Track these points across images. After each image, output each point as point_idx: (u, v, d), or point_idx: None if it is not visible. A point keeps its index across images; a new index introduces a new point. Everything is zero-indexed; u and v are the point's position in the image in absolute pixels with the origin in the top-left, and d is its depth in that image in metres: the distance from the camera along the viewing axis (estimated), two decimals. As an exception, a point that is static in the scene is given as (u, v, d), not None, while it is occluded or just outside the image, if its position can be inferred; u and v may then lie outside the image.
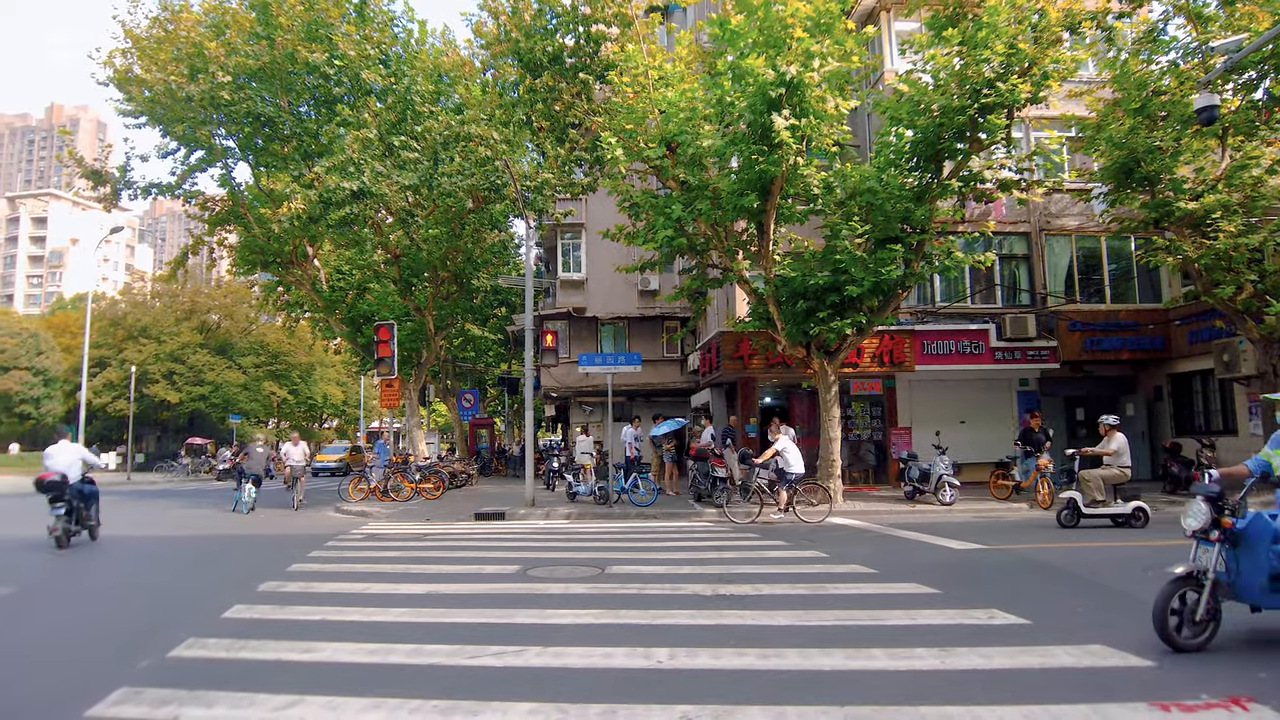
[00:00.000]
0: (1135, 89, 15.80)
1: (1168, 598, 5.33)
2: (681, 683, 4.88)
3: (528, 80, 18.15)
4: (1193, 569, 5.42)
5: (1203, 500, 5.41)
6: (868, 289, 14.75)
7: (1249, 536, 5.36)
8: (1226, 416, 19.42)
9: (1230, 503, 5.43)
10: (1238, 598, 5.45)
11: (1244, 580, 5.38)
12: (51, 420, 58.12)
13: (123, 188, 21.17)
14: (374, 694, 4.66)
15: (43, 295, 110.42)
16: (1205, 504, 5.39)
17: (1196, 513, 5.42)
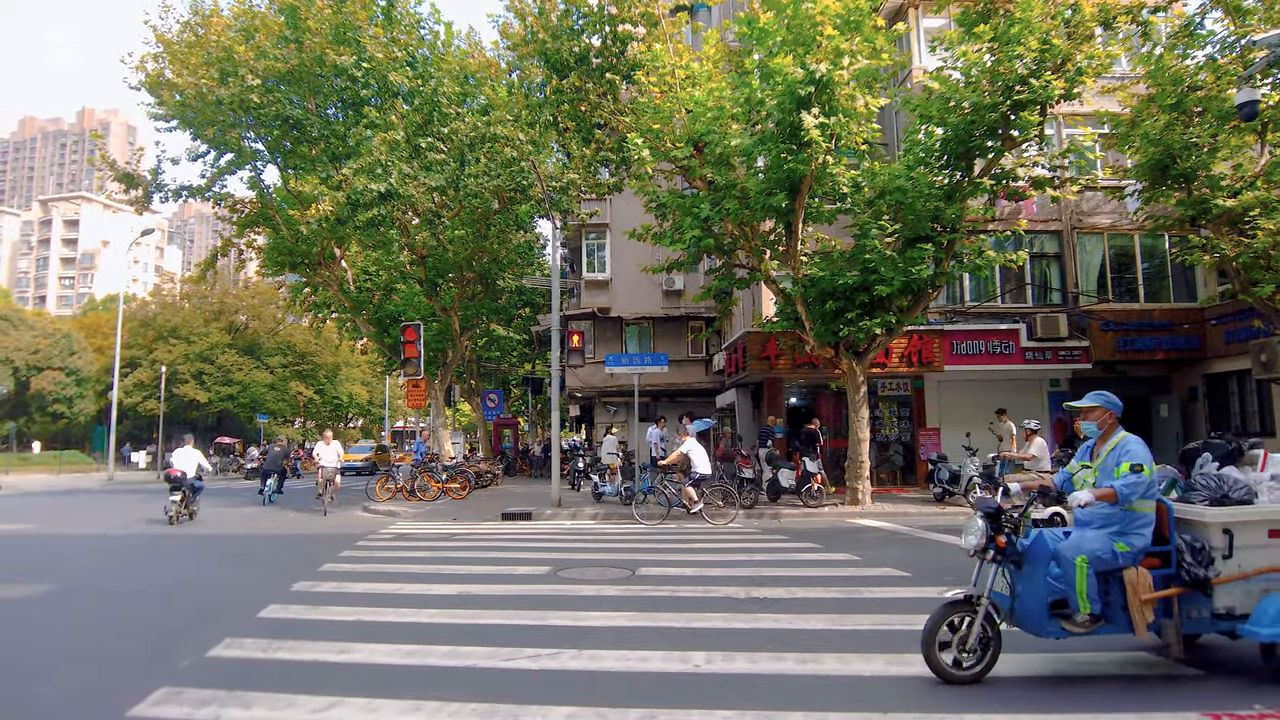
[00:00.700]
0: (1171, 84, 15.50)
1: (938, 622, 4.86)
2: (719, 687, 4.84)
3: (554, 81, 18.15)
4: (971, 592, 4.92)
5: (980, 517, 4.93)
6: (897, 288, 14.60)
7: (1030, 557, 4.91)
8: (1264, 417, 19.04)
9: (1012, 519, 4.98)
10: (1020, 624, 4.98)
11: (1023, 605, 4.93)
12: (84, 419, 59.10)
13: (154, 190, 21.44)
14: (413, 696, 4.66)
15: (74, 297, 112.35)
16: (983, 521, 4.90)
17: (974, 530, 4.94)
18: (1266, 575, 4.85)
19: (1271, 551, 4.88)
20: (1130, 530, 4.85)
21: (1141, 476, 4.79)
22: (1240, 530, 4.88)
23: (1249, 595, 4.82)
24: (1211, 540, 4.89)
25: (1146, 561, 4.87)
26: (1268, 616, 4.65)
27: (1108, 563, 4.79)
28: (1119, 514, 4.89)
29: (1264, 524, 4.92)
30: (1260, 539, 4.89)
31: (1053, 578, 4.80)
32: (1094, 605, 4.74)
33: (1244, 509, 4.95)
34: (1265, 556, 4.88)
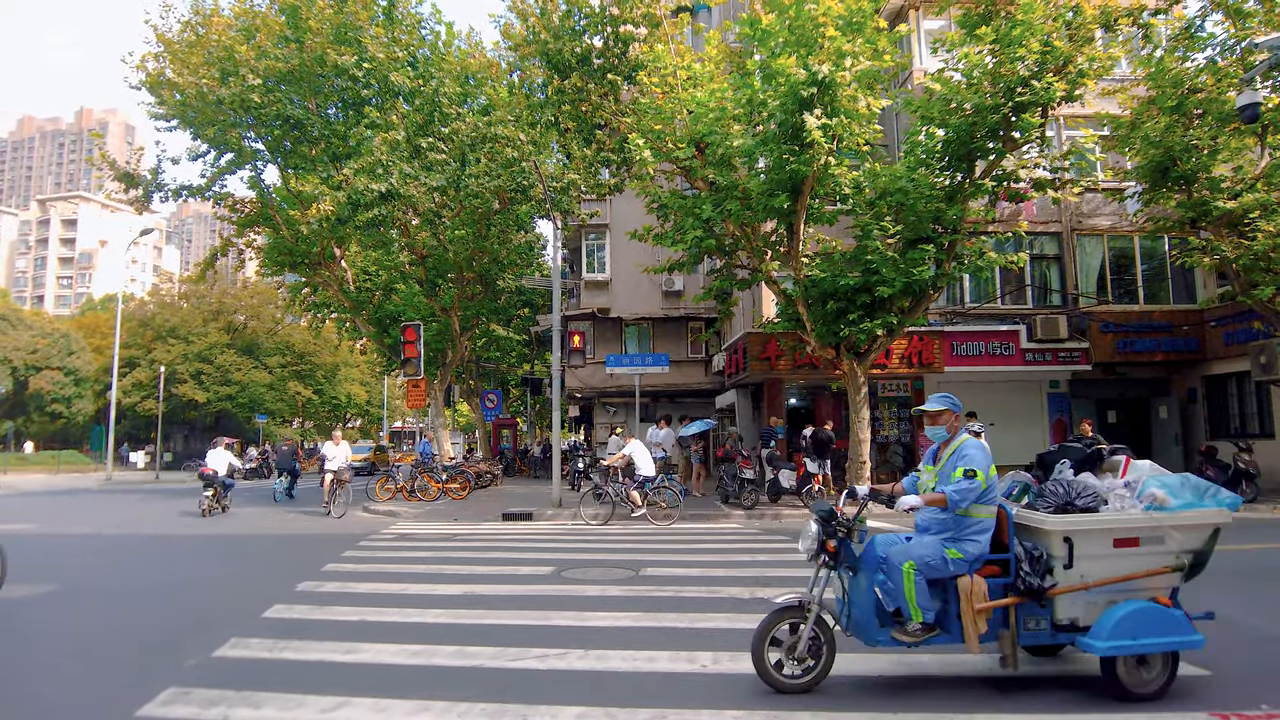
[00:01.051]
0: (1171, 86, 15.57)
1: (768, 628, 4.72)
2: (727, 687, 4.85)
3: (555, 81, 18.16)
4: (805, 598, 4.77)
5: (814, 520, 4.80)
6: (899, 289, 14.62)
7: (863, 563, 4.76)
8: (1263, 419, 19.09)
9: (845, 523, 4.77)
10: (853, 632, 4.79)
11: (855, 613, 4.76)
12: (83, 419, 59.02)
13: (154, 190, 21.43)
14: (421, 696, 4.66)
15: (72, 296, 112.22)
16: (816, 524, 4.77)
17: (806, 534, 4.80)
18: (1112, 586, 4.63)
19: (1116, 562, 4.65)
20: (964, 537, 4.68)
21: (974, 482, 4.60)
22: (1082, 539, 4.64)
23: (1093, 606, 4.62)
24: (1052, 549, 4.67)
25: (986, 569, 4.70)
26: (1105, 629, 4.45)
27: (938, 570, 4.61)
28: (953, 520, 4.72)
29: (1107, 533, 4.66)
30: (1104, 549, 4.65)
31: (879, 585, 4.67)
32: (926, 614, 4.57)
33: (1085, 517, 4.69)
34: (1110, 567, 4.65)
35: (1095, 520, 4.68)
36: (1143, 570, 4.66)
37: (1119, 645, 4.42)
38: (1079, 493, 4.79)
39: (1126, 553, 4.67)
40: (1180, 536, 4.68)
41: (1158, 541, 4.67)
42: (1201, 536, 4.71)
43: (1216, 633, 6.02)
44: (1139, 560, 4.67)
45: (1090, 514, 4.71)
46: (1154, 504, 4.73)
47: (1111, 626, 4.44)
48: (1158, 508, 4.70)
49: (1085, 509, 4.73)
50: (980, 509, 4.70)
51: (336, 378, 61.18)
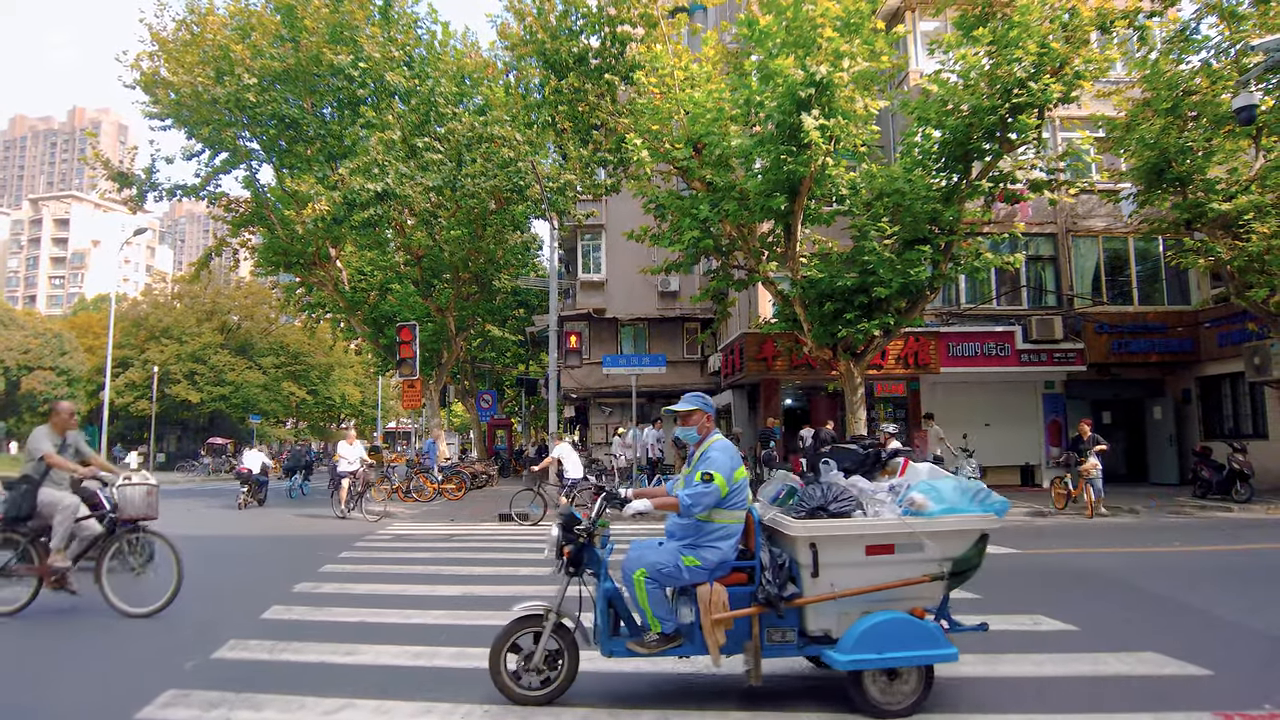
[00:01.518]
0: (1166, 89, 15.64)
1: (506, 637, 4.54)
2: (731, 687, 4.83)
3: (552, 81, 18.12)
4: (548, 605, 4.57)
5: (557, 525, 4.65)
6: (896, 290, 14.63)
7: (602, 571, 4.56)
8: (1257, 420, 19.17)
9: (586, 529, 4.54)
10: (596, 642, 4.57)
11: (595, 621, 4.57)
12: (76, 420, 58.60)
13: (148, 189, 21.33)
14: (423, 698, 4.64)
15: (65, 296, 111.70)
16: (557, 530, 4.61)
17: (550, 540, 4.65)
18: (867, 596, 4.34)
19: (869, 570, 4.36)
20: (703, 543, 4.46)
21: (710, 486, 4.37)
22: (829, 545, 4.34)
23: (846, 617, 4.34)
24: (799, 556, 4.37)
25: (733, 577, 4.46)
26: (850, 641, 4.20)
27: (674, 577, 4.41)
28: (694, 525, 4.50)
29: (858, 539, 4.37)
30: (855, 556, 4.35)
31: (606, 592, 4.50)
32: (664, 624, 4.39)
33: (833, 523, 4.38)
34: (862, 575, 4.36)
35: (842, 526, 4.38)
36: (898, 579, 4.36)
37: (862, 659, 4.17)
38: (835, 497, 4.48)
39: (880, 560, 4.37)
40: (940, 544, 4.36)
41: (916, 549, 4.35)
42: (964, 543, 4.41)
43: (1218, 633, 6.07)
44: (895, 569, 4.37)
45: (840, 519, 4.40)
46: (911, 509, 4.40)
47: (856, 639, 4.19)
48: (915, 513, 4.38)
49: (838, 514, 4.41)
50: (724, 514, 4.48)
51: (331, 378, 60.99)
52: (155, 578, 6.91)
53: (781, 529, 4.49)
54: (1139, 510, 14.97)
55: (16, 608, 6.86)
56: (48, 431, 7.01)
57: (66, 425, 7.14)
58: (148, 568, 6.96)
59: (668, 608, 4.45)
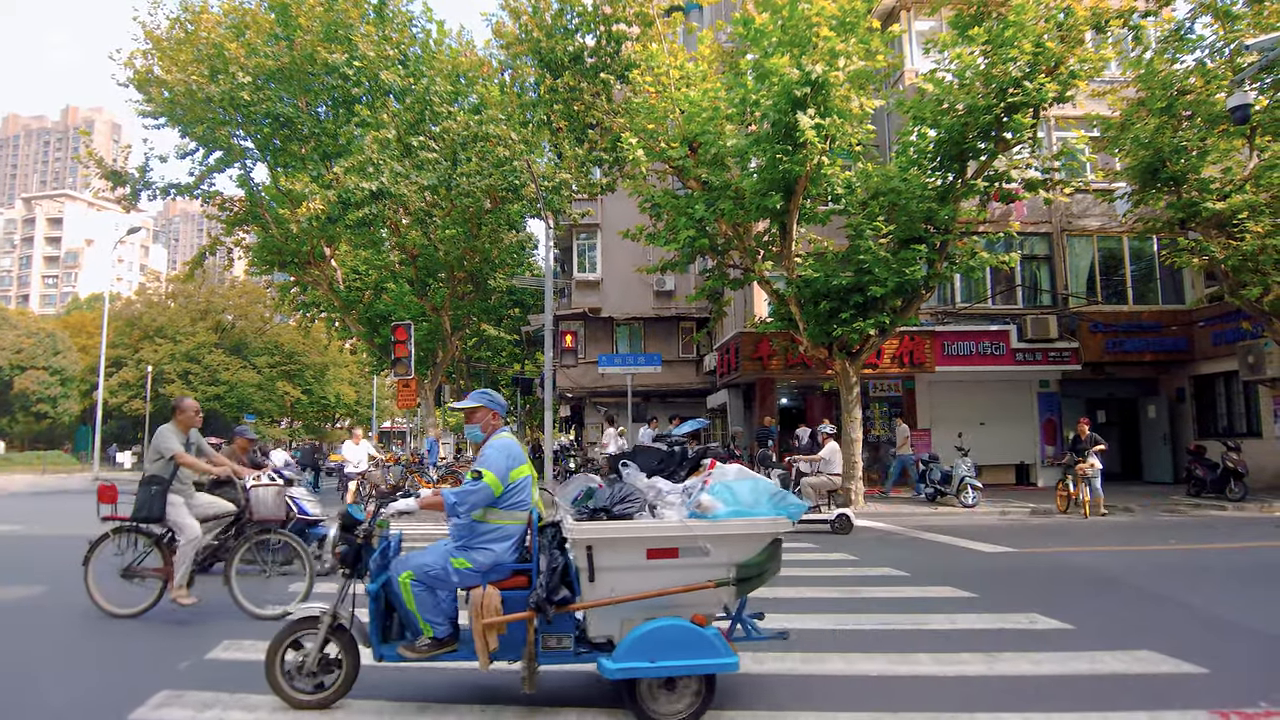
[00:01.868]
0: (1161, 88, 15.68)
1: (282, 639, 4.41)
2: (725, 687, 4.81)
3: (547, 80, 18.11)
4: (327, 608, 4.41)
5: (336, 526, 4.48)
6: (891, 289, 14.65)
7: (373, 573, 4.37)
8: (1250, 418, 19.24)
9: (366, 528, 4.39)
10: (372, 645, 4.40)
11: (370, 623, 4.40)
12: (68, 419, 58.55)
13: (142, 188, 21.19)
14: (420, 699, 4.61)
15: (58, 295, 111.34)
16: (335, 530, 4.44)
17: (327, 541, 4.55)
18: (649, 602, 4.15)
19: (651, 575, 4.17)
20: (475, 544, 4.32)
21: (478, 485, 4.24)
22: (607, 549, 4.15)
23: (629, 624, 4.14)
24: (578, 559, 4.19)
25: (516, 581, 4.32)
26: (622, 649, 4.03)
27: (442, 580, 4.27)
28: (467, 526, 4.36)
29: (640, 543, 4.17)
30: (637, 560, 4.17)
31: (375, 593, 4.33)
32: (437, 628, 4.25)
33: (610, 525, 4.17)
34: (644, 580, 4.17)
35: (620, 528, 4.17)
36: (682, 584, 4.16)
37: (632, 667, 3.98)
38: (621, 498, 4.28)
39: (663, 565, 4.18)
40: (726, 548, 4.18)
41: (702, 553, 4.16)
42: (753, 547, 4.24)
43: (1214, 631, 6.08)
44: (679, 574, 4.18)
45: (620, 521, 4.20)
46: (697, 511, 4.23)
47: (628, 646, 4.02)
48: (701, 515, 4.21)
49: (620, 516, 4.21)
50: (500, 514, 4.36)
51: (325, 377, 60.83)
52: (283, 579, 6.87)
53: (565, 532, 4.28)
54: (1134, 509, 15.01)
55: (140, 610, 6.74)
56: (174, 430, 6.82)
57: (191, 423, 6.97)
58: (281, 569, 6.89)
59: (440, 611, 4.28)
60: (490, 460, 4.34)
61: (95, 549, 6.85)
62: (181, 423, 6.91)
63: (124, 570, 6.78)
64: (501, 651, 4.20)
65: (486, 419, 4.71)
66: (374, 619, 4.35)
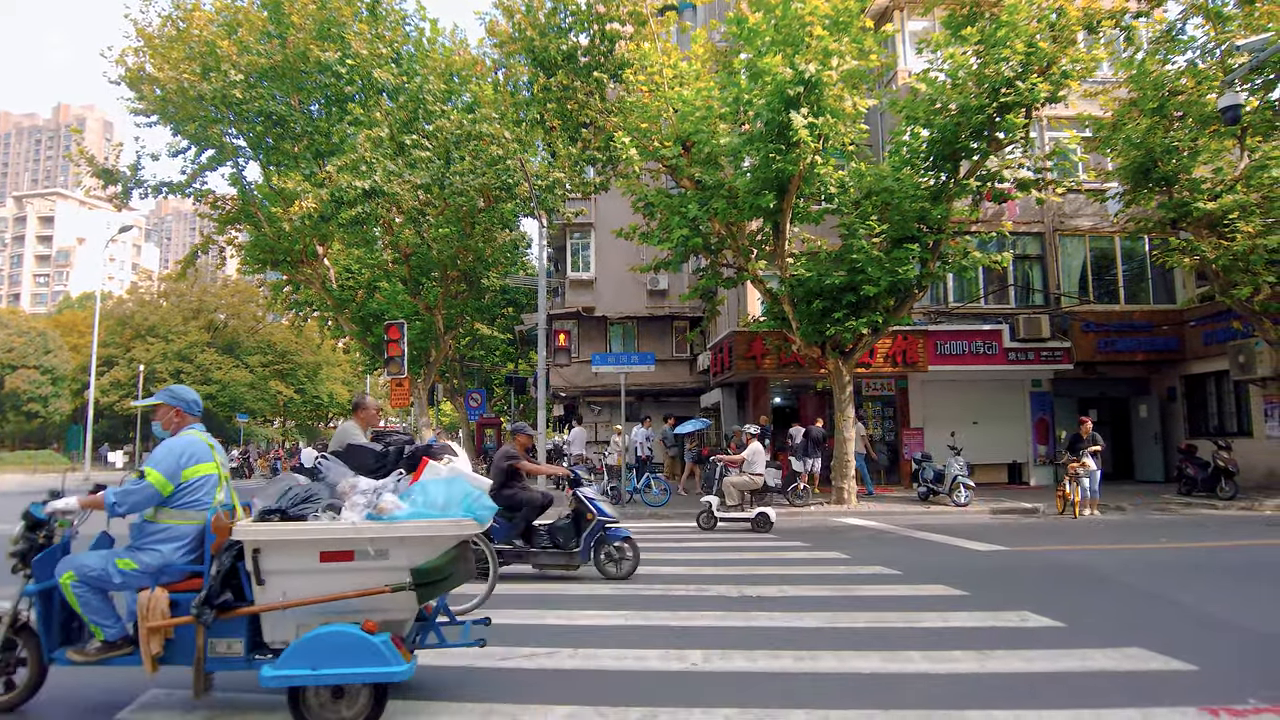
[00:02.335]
0: (1152, 88, 15.74)
1: None
2: (719, 685, 4.82)
3: (541, 79, 18.09)
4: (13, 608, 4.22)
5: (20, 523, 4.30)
6: (884, 289, 14.68)
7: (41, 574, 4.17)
8: (1241, 418, 19.32)
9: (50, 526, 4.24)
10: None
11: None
12: (59, 419, 58.29)
13: (133, 186, 21.10)
14: (407, 697, 4.59)
15: (49, 294, 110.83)
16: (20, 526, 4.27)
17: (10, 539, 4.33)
18: (325, 607, 4.01)
19: (326, 579, 4.04)
20: (144, 545, 4.17)
21: (141, 484, 4.10)
22: (276, 551, 4.03)
23: (305, 629, 3.98)
24: (249, 562, 4.05)
25: (193, 583, 4.14)
26: (286, 656, 3.88)
27: (104, 581, 4.10)
28: (138, 526, 4.22)
29: (312, 545, 4.03)
30: (309, 563, 4.03)
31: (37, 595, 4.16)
32: (107, 630, 4.09)
33: (279, 527, 4.05)
34: (318, 584, 4.03)
35: (286, 530, 4.04)
36: (355, 589, 4.03)
37: (289, 675, 3.84)
38: (302, 498, 4.18)
39: (337, 568, 4.05)
40: (406, 551, 4.06)
41: (381, 556, 4.05)
42: (433, 550, 4.10)
43: (1204, 629, 6.10)
44: (354, 577, 4.04)
45: (292, 523, 4.08)
46: (374, 513, 4.11)
47: (291, 654, 3.87)
48: (377, 517, 4.09)
49: (295, 517, 4.09)
50: (171, 514, 4.22)
51: (318, 377, 60.74)
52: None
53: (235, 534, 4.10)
54: (1125, 508, 15.06)
55: None
56: (356, 427, 6.80)
57: (373, 421, 6.94)
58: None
59: (110, 613, 4.14)
60: (157, 459, 4.22)
61: None
62: (363, 420, 6.90)
63: None
64: (172, 656, 4.07)
65: (168, 416, 4.57)
66: (43, 620, 4.20)
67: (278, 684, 3.83)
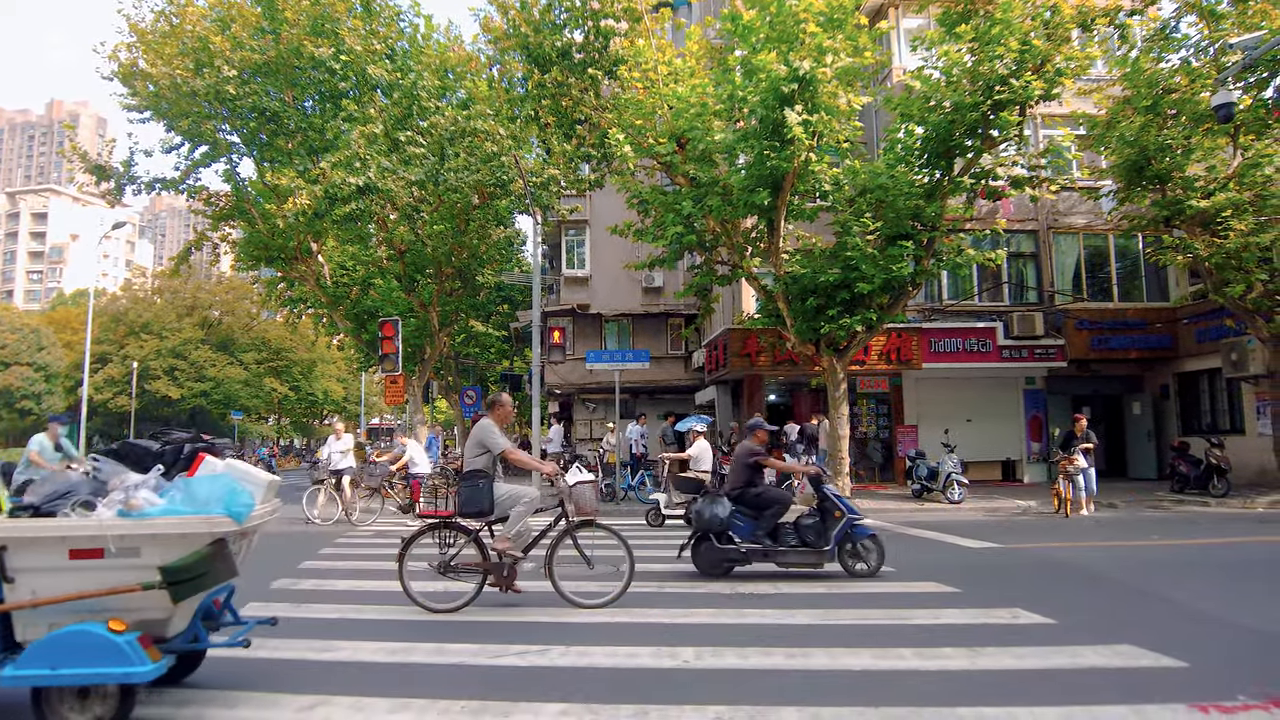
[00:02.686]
0: (1146, 87, 15.77)
1: None
2: (710, 682, 4.82)
3: (535, 75, 18.04)
4: None
5: None
6: (878, 286, 14.69)
7: None
8: (1234, 415, 19.39)
9: None
10: None
11: None
12: (512, 415, 57.89)
13: (126, 183, 21.00)
14: (400, 694, 4.59)
15: (43, 291, 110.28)
16: None
17: None
18: (79, 603, 3.92)
19: (76, 576, 3.94)
20: None
21: None
22: (25, 549, 3.92)
23: (58, 628, 3.88)
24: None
25: None
26: (26, 655, 3.79)
27: None
28: None
29: (59, 542, 3.94)
30: (58, 561, 3.94)
31: None
32: None
33: (23, 524, 3.98)
34: (68, 582, 3.93)
35: (30, 527, 3.98)
36: (104, 587, 3.93)
37: (26, 675, 3.75)
38: (56, 495, 4.11)
39: (89, 565, 3.95)
40: (159, 548, 3.99)
41: (131, 554, 3.98)
42: (186, 547, 4.01)
43: (1194, 626, 6.13)
44: (108, 575, 3.95)
45: (40, 520, 4.01)
46: (125, 510, 4.04)
47: (32, 653, 3.80)
48: (127, 513, 4.03)
49: (46, 514, 4.02)
50: None
51: (313, 374, 60.57)
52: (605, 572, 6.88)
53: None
54: (1118, 505, 15.10)
55: (459, 605, 6.70)
56: (493, 424, 6.87)
57: (509, 418, 7.06)
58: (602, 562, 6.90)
59: None
60: None
61: (409, 546, 6.82)
62: (500, 417, 7.04)
63: (440, 566, 6.73)
64: None
65: None
66: None
67: (15, 684, 3.74)
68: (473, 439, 6.85)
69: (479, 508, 6.61)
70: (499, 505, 6.71)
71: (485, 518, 6.69)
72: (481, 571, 6.74)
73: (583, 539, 6.88)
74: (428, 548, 6.84)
